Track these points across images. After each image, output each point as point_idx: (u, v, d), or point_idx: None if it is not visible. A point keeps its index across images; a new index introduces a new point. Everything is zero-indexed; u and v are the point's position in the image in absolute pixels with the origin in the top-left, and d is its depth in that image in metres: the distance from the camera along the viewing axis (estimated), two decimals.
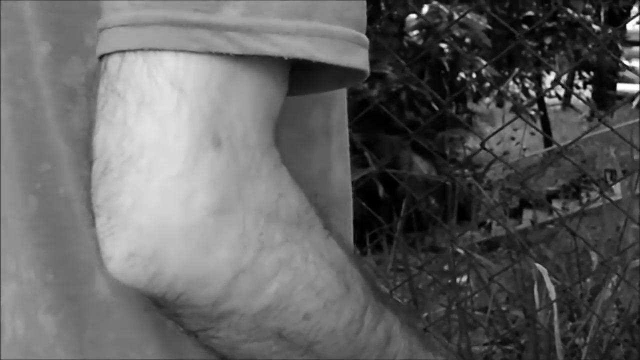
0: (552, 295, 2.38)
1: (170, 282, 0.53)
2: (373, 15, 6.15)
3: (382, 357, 0.63)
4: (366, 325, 0.60)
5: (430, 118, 5.35)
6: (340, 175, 0.76)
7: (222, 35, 0.54)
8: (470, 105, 7.90)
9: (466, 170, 6.69)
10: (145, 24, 0.54)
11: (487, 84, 7.44)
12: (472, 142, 7.48)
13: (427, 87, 3.33)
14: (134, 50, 0.54)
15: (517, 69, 8.31)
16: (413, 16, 6.82)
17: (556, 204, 6.47)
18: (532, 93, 8.42)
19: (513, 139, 7.40)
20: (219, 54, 0.54)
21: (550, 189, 7.21)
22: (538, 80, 8.74)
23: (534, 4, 8.23)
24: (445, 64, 6.79)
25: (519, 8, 8.15)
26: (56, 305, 0.68)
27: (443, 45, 6.72)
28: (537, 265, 2.44)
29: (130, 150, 0.53)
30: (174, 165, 0.52)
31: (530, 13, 8.20)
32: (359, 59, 0.59)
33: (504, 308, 3.02)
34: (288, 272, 0.55)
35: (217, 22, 0.54)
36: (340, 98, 0.76)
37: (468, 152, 6.93)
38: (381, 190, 6.55)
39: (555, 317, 2.32)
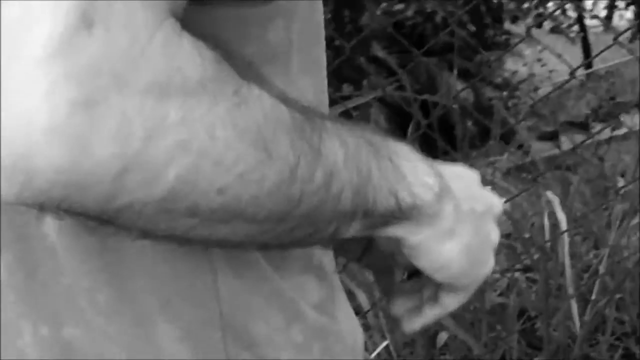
0: (563, 226, 2.32)
1: (45, 190, 0.47)
2: None
3: (325, 198, 0.57)
4: (299, 178, 0.55)
5: (466, 39, 5.27)
6: (305, 88, 0.69)
7: None
8: (508, 26, 7.78)
9: (504, 93, 6.62)
10: None
11: (526, 5, 7.32)
12: (511, 65, 7.38)
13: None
14: None
15: None
16: None
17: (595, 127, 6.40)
18: (572, 15, 8.29)
19: (560, 56, 7.26)
20: None
21: (587, 112, 7.12)
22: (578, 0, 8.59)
23: None
24: None
25: None
26: (5, 245, 0.65)
27: None
28: (548, 193, 2.38)
29: None
30: (34, 49, 0.45)
31: None
32: None
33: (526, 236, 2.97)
34: (189, 153, 0.49)
35: None
36: (309, 11, 0.69)
37: (506, 74, 6.85)
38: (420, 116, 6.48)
39: (566, 249, 2.25)
